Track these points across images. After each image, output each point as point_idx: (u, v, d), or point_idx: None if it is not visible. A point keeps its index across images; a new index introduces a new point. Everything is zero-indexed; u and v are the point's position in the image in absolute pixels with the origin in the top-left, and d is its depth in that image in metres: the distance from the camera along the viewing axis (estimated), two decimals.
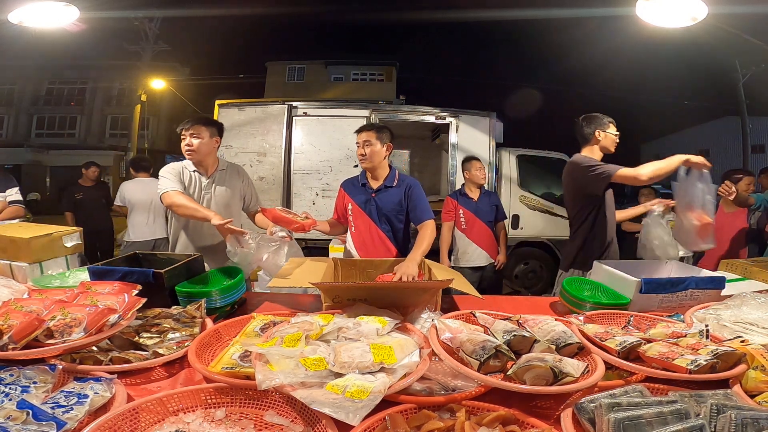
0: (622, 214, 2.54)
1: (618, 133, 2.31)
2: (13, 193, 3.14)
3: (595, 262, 1.87)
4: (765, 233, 3.18)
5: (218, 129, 2.27)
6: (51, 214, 4.82)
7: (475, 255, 3.57)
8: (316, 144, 5.09)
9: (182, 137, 2.18)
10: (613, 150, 2.32)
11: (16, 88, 18.72)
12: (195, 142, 2.15)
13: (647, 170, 1.99)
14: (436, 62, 30.73)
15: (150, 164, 4.62)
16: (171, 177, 2.13)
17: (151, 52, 12.92)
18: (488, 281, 3.68)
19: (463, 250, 3.59)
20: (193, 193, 2.19)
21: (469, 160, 3.63)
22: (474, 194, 3.57)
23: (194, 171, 2.22)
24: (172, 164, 2.22)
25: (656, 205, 2.32)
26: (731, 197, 2.56)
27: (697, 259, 3.28)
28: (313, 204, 5.04)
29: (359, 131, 2.29)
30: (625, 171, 2.07)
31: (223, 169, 2.30)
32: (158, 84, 13.58)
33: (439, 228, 2.64)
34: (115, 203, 4.43)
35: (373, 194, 2.29)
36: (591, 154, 2.29)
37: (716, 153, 19.61)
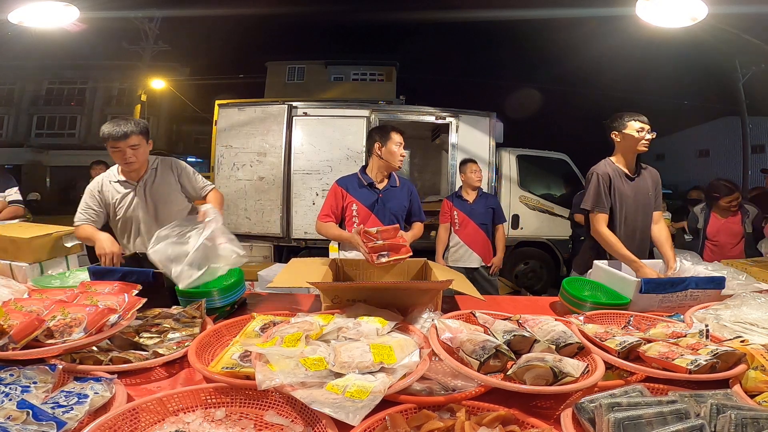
0: None
1: (643, 128, 2.06)
2: (13, 193, 3.15)
3: (595, 262, 1.87)
4: (763, 233, 3.19)
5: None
6: (51, 214, 4.81)
7: (466, 256, 3.53)
8: (316, 144, 5.09)
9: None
10: (641, 149, 2.11)
11: (16, 88, 18.71)
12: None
13: (605, 242, 2.05)
14: (436, 62, 30.62)
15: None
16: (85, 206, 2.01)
17: (151, 52, 12.89)
18: (480, 283, 3.56)
19: (455, 250, 3.56)
20: (117, 205, 2.03)
21: (465, 162, 3.62)
22: (470, 196, 3.55)
23: (116, 182, 2.04)
24: (89, 187, 2.06)
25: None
26: None
27: None
28: (313, 204, 5.04)
29: (399, 132, 2.29)
30: (599, 224, 2.08)
31: (154, 168, 2.09)
32: (158, 84, 13.57)
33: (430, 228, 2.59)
34: None
35: (380, 195, 2.27)
36: (616, 160, 2.18)
37: (716, 153, 19.62)
